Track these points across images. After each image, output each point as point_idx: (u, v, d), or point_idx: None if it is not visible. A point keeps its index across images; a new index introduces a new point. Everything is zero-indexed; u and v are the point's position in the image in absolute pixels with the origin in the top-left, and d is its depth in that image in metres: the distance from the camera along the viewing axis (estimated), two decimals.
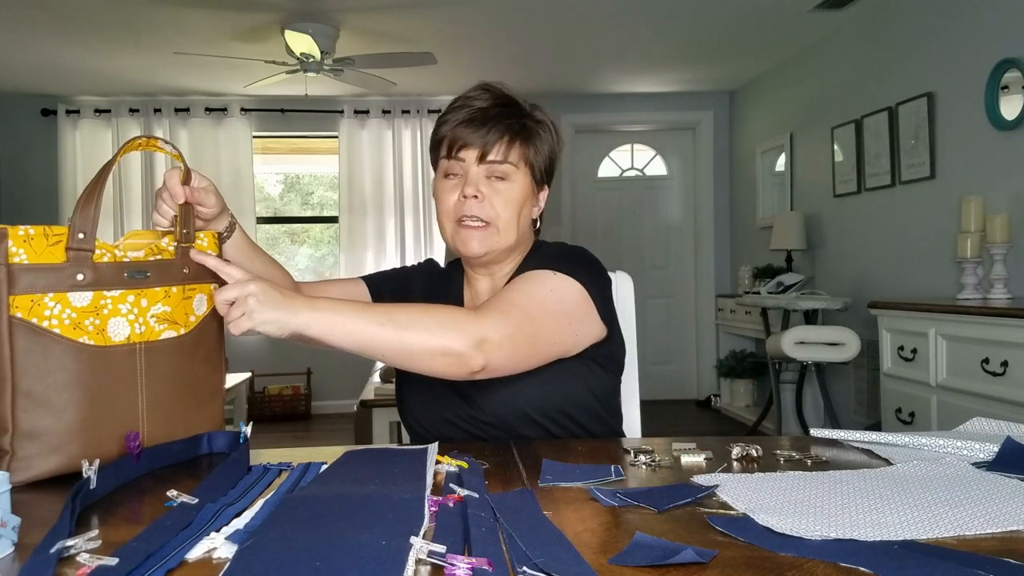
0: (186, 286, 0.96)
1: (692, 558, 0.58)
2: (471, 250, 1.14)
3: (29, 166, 5.44)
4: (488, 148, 1.12)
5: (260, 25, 4.07)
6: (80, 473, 0.76)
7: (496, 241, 1.14)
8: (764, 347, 4.25)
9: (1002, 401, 2.32)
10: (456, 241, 1.15)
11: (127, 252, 0.91)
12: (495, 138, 1.12)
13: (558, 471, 0.85)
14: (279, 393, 5.52)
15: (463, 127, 1.12)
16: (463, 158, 1.13)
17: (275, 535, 0.61)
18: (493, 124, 1.12)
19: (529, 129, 1.16)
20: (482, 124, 1.12)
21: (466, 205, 1.12)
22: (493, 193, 1.13)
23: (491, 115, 1.13)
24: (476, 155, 1.12)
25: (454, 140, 1.13)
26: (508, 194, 1.13)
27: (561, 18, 4.06)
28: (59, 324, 0.85)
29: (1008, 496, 0.74)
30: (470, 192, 1.12)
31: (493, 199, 1.13)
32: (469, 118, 1.12)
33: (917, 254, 3.55)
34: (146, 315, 0.91)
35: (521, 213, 1.15)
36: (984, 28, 3.09)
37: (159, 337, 0.92)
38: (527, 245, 1.23)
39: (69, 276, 0.85)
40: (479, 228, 1.13)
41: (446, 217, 1.15)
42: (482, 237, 1.13)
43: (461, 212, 1.13)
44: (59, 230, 0.86)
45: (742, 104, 5.65)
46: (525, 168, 1.16)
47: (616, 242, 5.89)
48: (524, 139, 1.15)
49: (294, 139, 5.85)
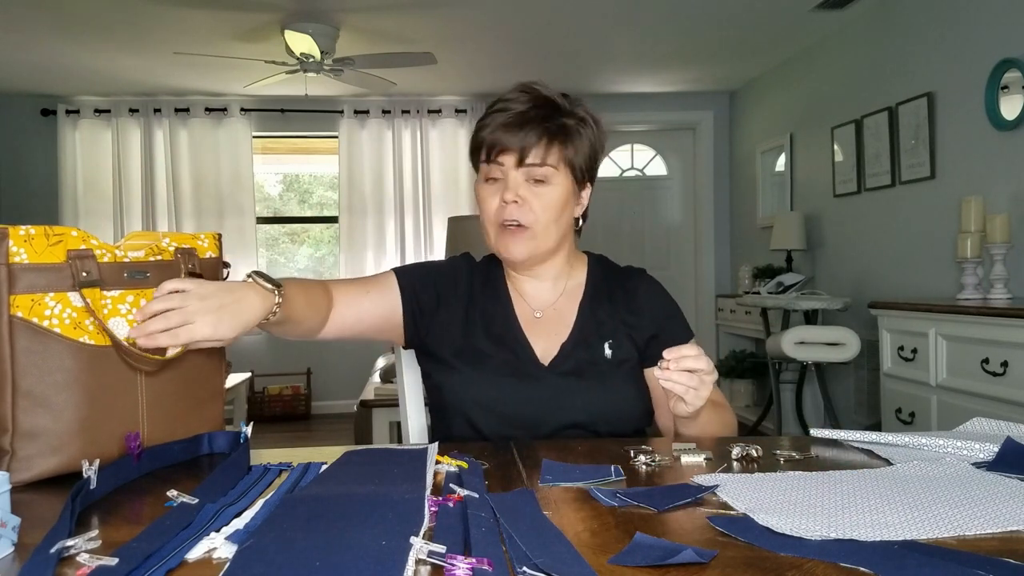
0: None
1: (692, 558, 0.58)
2: (513, 255, 1.17)
3: (29, 166, 5.44)
4: (526, 152, 1.13)
5: (260, 25, 4.07)
6: (80, 473, 0.76)
7: (536, 245, 1.17)
8: (764, 347, 4.25)
9: (1002, 401, 2.32)
10: (498, 246, 1.18)
11: (127, 252, 0.91)
12: (532, 141, 1.13)
13: (558, 471, 0.85)
14: (279, 393, 5.52)
15: (501, 131, 1.13)
16: (502, 162, 1.14)
17: (275, 535, 0.61)
18: (531, 127, 1.13)
19: (568, 129, 1.16)
20: (519, 127, 1.13)
21: (507, 210, 1.14)
22: (533, 197, 1.14)
23: (528, 118, 1.13)
24: (514, 159, 1.13)
25: (492, 144, 1.13)
26: (548, 197, 1.15)
27: (561, 18, 4.05)
28: (59, 324, 0.85)
29: (1008, 496, 0.73)
30: (509, 197, 1.13)
31: (533, 203, 1.14)
32: (506, 122, 1.13)
33: (917, 254, 3.55)
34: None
35: (562, 215, 1.17)
36: (984, 28, 3.08)
37: None
38: (570, 244, 1.26)
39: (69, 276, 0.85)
40: (519, 232, 1.15)
41: (488, 222, 1.17)
42: (524, 241, 1.16)
43: (502, 217, 1.15)
44: (60, 230, 0.86)
45: (742, 104, 5.65)
46: (565, 169, 1.16)
47: (616, 242, 5.88)
48: (563, 140, 1.15)
49: (294, 139, 5.85)
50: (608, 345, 1.20)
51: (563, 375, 1.18)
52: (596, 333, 1.21)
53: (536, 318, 1.24)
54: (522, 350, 1.20)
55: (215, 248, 1.02)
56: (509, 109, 1.14)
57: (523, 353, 1.20)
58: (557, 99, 1.17)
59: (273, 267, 6.02)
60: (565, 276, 1.27)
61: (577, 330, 1.22)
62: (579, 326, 1.22)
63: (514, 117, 1.13)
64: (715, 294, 5.78)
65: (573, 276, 1.28)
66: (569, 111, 1.17)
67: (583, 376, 1.17)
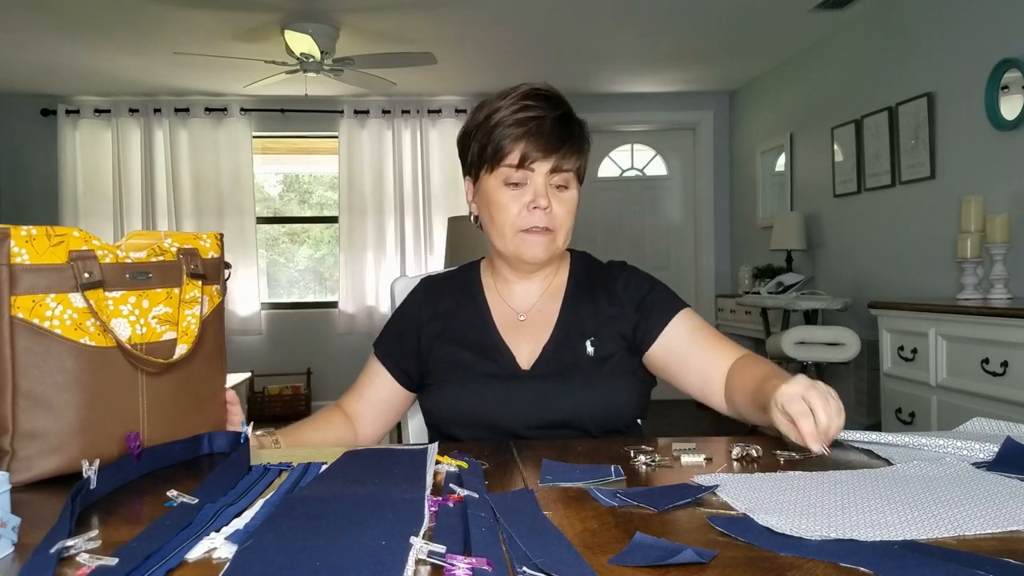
0: (187, 287, 0.95)
1: (692, 558, 0.58)
2: (537, 257, 1.19)
3: (29, 166, 5.45)
4: (561, 162, 1.15)
5: (260, 25, 4.07)
6: (80, 473, 0.76)
7: (556, 247, 1.20)
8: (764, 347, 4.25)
9: (1002, 401, 2.32)
10: (520, 249, 1.18)
11: (129, 253, 0.91)
12: (566, 151, 1.16)
13: (558, 471, 0.85)
14: (279, 393, 5.52)
15: (536, 140, 1.14)
16: (534, 169, 1.15)
17: (275, 535, 0.61)
18: (565, 138, 1.16)
19: (584, 138, 1.21)
20: (554, 138, 1.15)
21: (535, 216, 1.16)
22: (558, 202, 1.17)
23: (559, 127, 1.16)
24: (549, 168, 1.15)
25: (527, 154, 1.14)
26: (570, 202, 1.19)
27: (561, 18, 4.05)
28: (60, 325, 0.84)
29: (1008, 496, 0.73)
30: (544, 204, 1.15)
31: (558, 208, 1.17)
32: (539, 131, 1.14)
33: (917, 254, 3.55)
34: (147, 316, 0.91)
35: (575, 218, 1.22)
36: (984, 28, 3.08)
37: (160, 338, 0.92)
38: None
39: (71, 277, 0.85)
40: (545, 235, 1.17)
41: (507, 225, 1.18)
42: (547, 243, 1.18)
43: (530, 223, 1.16)
44: (61, 230, 0.85)
45: (742, 104, 5.65)
46: (577, 175, 1.20)
47: (616, 242, 5.88)
48: (581, 149, 1.20)
49: (294, 139, 5.85)
50: (590, 343, 1.20)
51: (544, 378, 1.17)
52: (578, 331, 1.21)
53: (520, 321, 1.24)
54: (502, 357, 1.20)
55: (217, 248, 1.02)
56: (537, 117, 1.15)
57: (503, 360, 1.20)
58: (570, 105, 1.20)
59: (273, 267, 6.02)
60: (552, 275, 1.28)
61: (558, 330, 1.22)
62: (560, 326, 1.22)
63: (548, 127, 1.14)
64: (715, 294, 5.78)
65: (558, 274, 1.28)
66: (577, 118, 1.21)
67: (566, 377, 1.17)
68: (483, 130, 1.18)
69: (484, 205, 1.21)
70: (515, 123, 1.15)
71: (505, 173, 1.16)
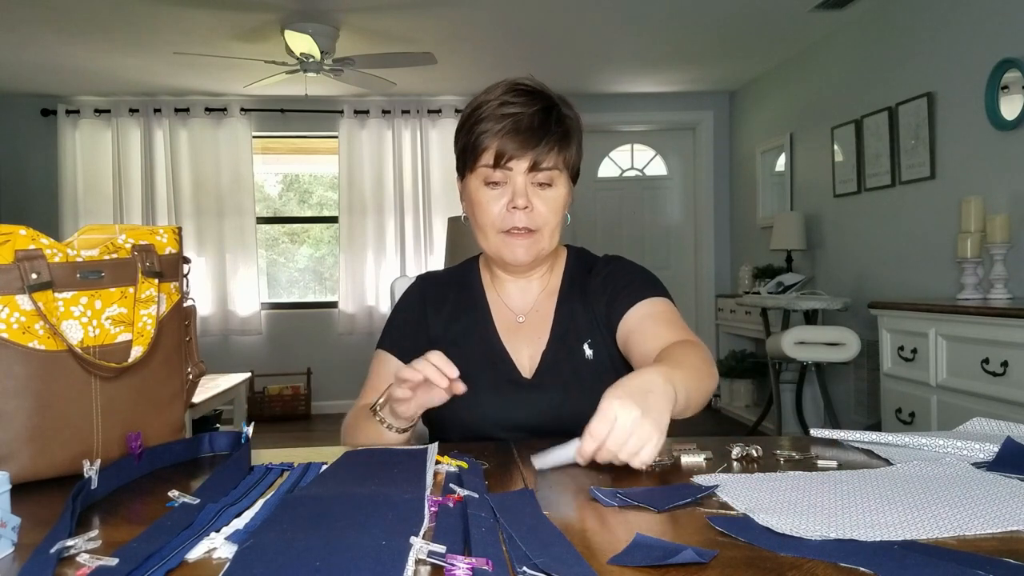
0: (143, 285, 0.91)
1: (692, 558, 0.58)
2: (519, 259, 1.14)
3: (29, 166, 5.44)
4: (539, 159, 1.10)
5: (260, 25, 4.07)
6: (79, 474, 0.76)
7: (542, 247, 1.15)
8: (764, 347, 4.25)
9: (1002, 401, 2.32)
10: (502, 251, 1.15)
11: (80, 251, 0.87)
12: (544, 148, 1.10)
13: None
14: (279, 393, 5.52)
15: (510, 137, 1.09)
16: (511, 168, 1.10)
17: (275, 535, 0.61)
18: (543, 134, 1.10)
19: (568, 131, 1.14)
20: (531, 134, 1.09)
21: (515, 216, 1.11)
22: (540, 201, 1.12)
23: (537, 123, 1.10)
24: (526, 166, 1.10)
25: (502, 151, 1.09)
26: (554, 201, 1.13)
27: (561, 18, 4.05)
28: (7, 329, 0.80)
29: (1008, 496, 0.73)
30: (522, 204, 1.11)
31: (540, 207, 1.12)
32: (516, 128, 1.09)
33: (917, 254, 3.55)
34: (100, 317, 0.87)
35: (563, 216, 1.16)
36: (984, 28, 3.09)
37: (115, 340, 0.88)
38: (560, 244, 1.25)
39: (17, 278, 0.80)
40: (526, 236, 1.13)
41: (489, 227, 1.14)
42: (529, 245, 1.14)
43: (511, 223, 1.12)
44: (6, 229, 0.81)
45: (742, 104, 5.65)
46: (565, 171, 1.15)
47: (616, 242, 5.88)
48: (565, 142, 1.13)
49: (294, 139, 5.85)
50: (588, 345, 1.17)
51: (546, 389, 1.15)
52: (574, 334, 1.18)
53: (519, 324, 1.21)
54: (504, 364, 1.17)
55: (175, 243, 0.96)
56: (511, 112, 1.10)
57: (505, 367, 1.17)
58: (555, 99, 1.15)
59: (273, 267, 6.02)
60: (548, 273, 1.25)
61: (554, 334, 1.19)
62: (556, 329, 1.19)
63: (522, 121, 1.09)
64: (715, 294, 5.78)
65: (554, 273, 1.25)
66: (564, 112, 1.15)
67: (567, 388, 1.14)
68: (465, 128, 1.15)
69: (468, 205, 1.18)
70: (493, 120, 1.11)
71: (484, 173, 1.12)
